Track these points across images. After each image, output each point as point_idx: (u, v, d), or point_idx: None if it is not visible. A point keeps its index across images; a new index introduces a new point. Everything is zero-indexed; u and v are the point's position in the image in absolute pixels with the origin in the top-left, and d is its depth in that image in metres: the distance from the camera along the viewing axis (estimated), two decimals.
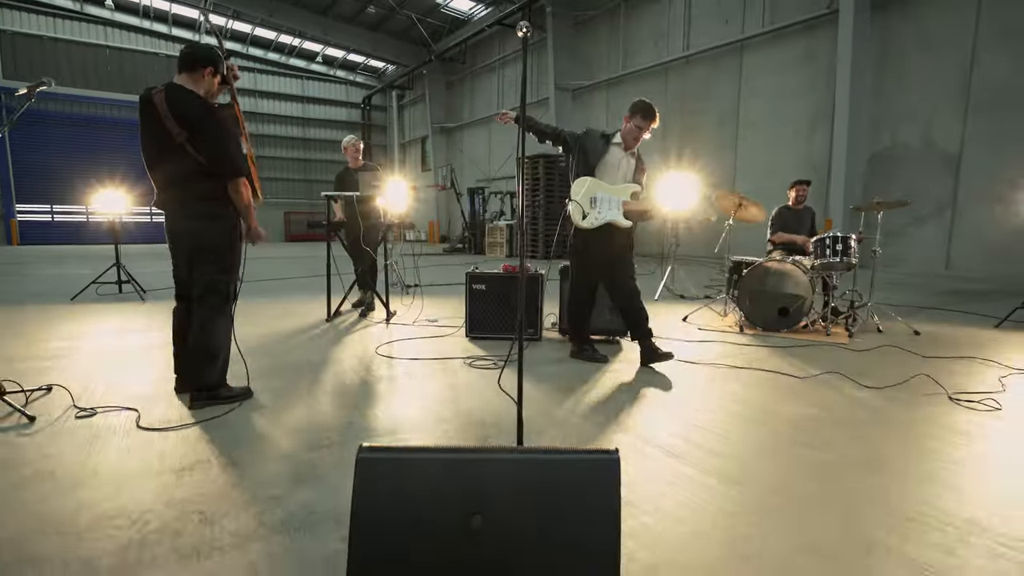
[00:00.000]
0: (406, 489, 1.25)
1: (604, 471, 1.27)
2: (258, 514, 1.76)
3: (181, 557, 1.52)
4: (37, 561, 1.49)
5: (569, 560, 1.22)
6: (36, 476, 2.00)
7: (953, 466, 2.18)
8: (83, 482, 1.97)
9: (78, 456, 2.18)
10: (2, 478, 1.98)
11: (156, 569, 1.47)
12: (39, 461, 2.12)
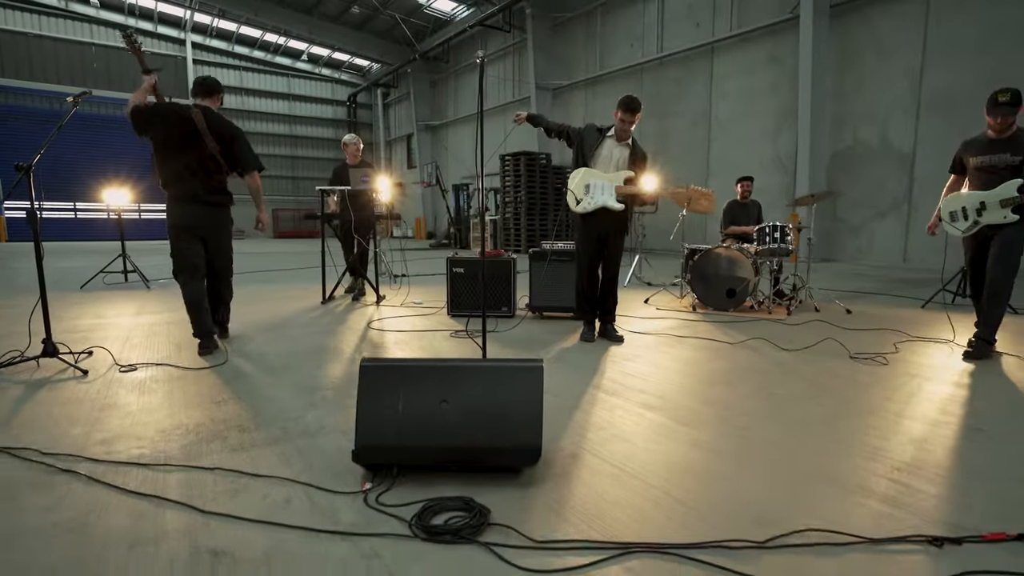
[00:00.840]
0: (396, 384, 1.83)
1: (533, 372, 1.86)
2: (282, 426, 2.33)
3: (231, 451, 2.09)
4: (130, 454, 2.04)
5: (508, 428, 1.81)
6: (106, 407, 2.56)
7: (833, 397, 2.79)
8: (144, 410, 2.52)
9: (133, 396, 2.73)
10: (82, 408, 2.52)
11: (214, 456, 2.03)
12: (104, 399, 2.67)
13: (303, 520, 1.59)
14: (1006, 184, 3.51)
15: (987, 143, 3.65)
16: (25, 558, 1.40)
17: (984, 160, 3.65)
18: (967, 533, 1.54)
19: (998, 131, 3.56)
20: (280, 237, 29.50)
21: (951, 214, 3.82)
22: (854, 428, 2.38)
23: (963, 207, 3.73)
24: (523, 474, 1.87)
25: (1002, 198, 3.51)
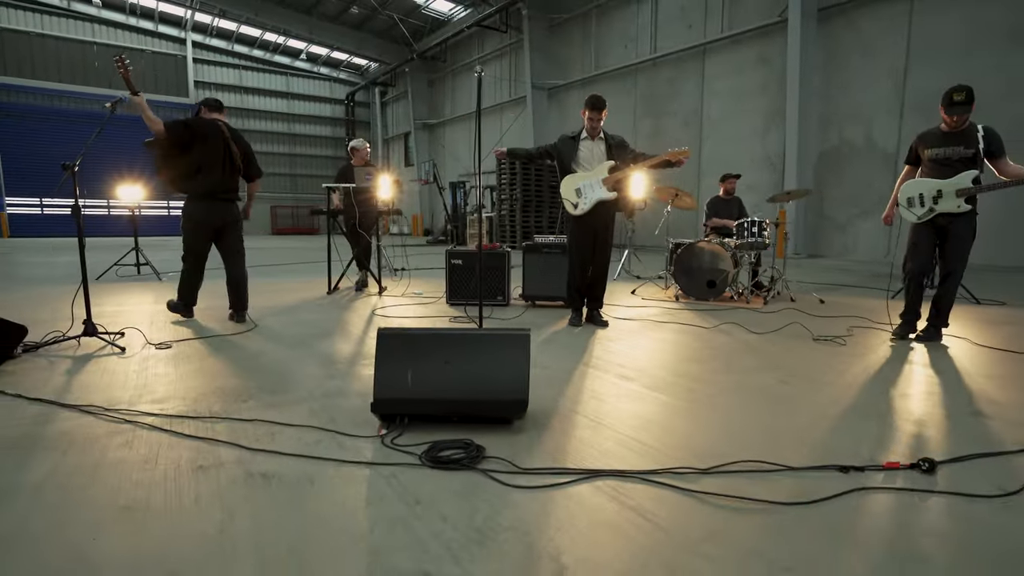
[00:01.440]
0: (408, 348, 2.19)
1: (521, 339, 2.23)
2: (307, 391, 2.70)
3: (264, 407, 2.45)
4: (179, 410, 2.40)
5: (500, 384, 2.17)
6: (150, 376, 2.92)
7: (788, 370, 3.16)
8: (183, 377, 2.88)
9: (171, 367, 3.09)
10: (129, 378, 2.88)
11: (251, 412, 2.39)
12: (146, 370, 3.03)
13: (333, 455, 1.96)
14: (961, 175, 3.75)
15: (941, 136, 3.88)
16: (118, 480, 1.76)
17: (939, 152, 3.88)
18: (870, 463, 1.92)
19: (952, 126, 3.79)
20: (278, 234, 29.82)
21: (908, 199, 4.01)
22: (800, 393, 2.75)
23: (920, 194, 3.94)
24: (513, 424, 2.23)
25: (958, 188, 3.75)
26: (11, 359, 3.12)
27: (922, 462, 1.88)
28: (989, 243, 10.38)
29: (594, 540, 1.45)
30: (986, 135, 3.76)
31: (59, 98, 25.12)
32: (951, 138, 3.83)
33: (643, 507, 1.62)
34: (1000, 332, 4.33)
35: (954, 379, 3.03)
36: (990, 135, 3.76)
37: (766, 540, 1.45)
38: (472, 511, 1.59)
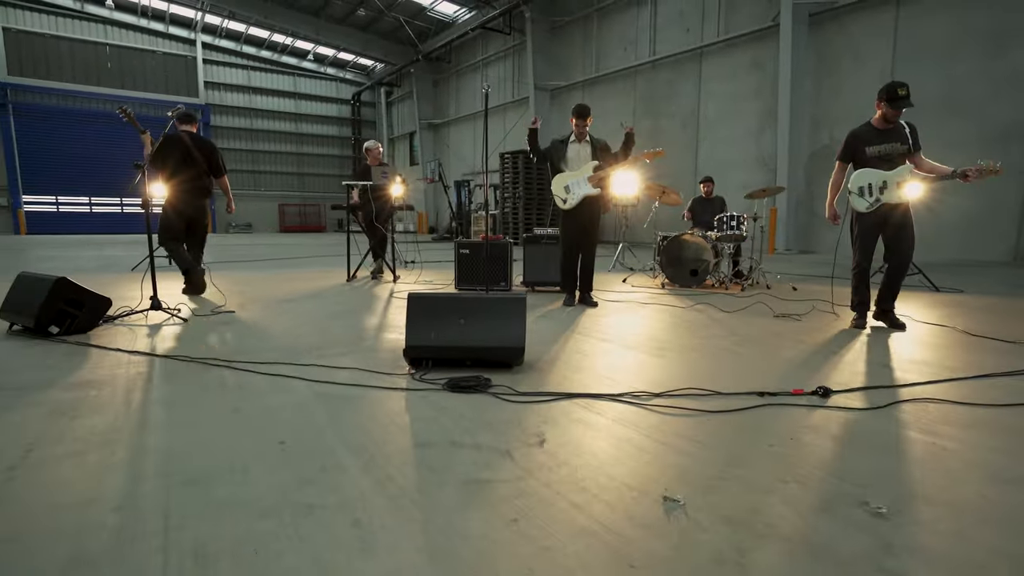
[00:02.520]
0: (432, 308, 2.82)
1: (519, 301, 2.85)
2: (347, 347, 3.33)
3: (317, 357, 3.07)
4: (251, 359, 3.02)
5: (503, 336, 2.79)
6: (216, 336, 3.54)
7: (742, 336, 3.77)
8: (243, 337, 3.51)
9: (229, 332, 3.71)
10: (200, 337, 3.50)
11: (309, 359, 3.00)
12: (210, 333, 3.66)
13: (377, 384, 2.58)
14: (901, 168, 4.01)
15: (878, 133, 4.11)
16: (222, 396, 2.39)
17: (880, 149, 4.08)
18: (782, 391, 2.53)
19: (889, 121, 4.04)
20: (285, 231, 30.50)
21: (860, 188, 4.18)
22: (748, 352, 3.37)
23: (869, 184, 4.11)
24: (513, 367, 2.86)
25: (899, 179, 4.00)
26: (98, 326, 3.75)
27: (819, 389, 2.50)
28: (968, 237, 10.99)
29: (568, 429, 2.07)
30: (912, 131, 4.04)
31: (73, 98, 25.83)
32: (887, 135, 4.08)
33: (606, 413, 2.25)
34: (947, 313, 4.93)
35: (882, 344, 3.64)
36: (914, 131, 4.05)
37: (692, 429, 2.07)
38: (482, 413, 2.21)
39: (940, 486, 1.65)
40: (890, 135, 4.08)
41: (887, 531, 1.39)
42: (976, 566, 1.26)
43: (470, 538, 1.34)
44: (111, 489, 1.57)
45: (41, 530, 1.36)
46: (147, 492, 1.56)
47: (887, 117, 4.05)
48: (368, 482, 1.63)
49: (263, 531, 1.36)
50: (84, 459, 1.76)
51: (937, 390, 2.59)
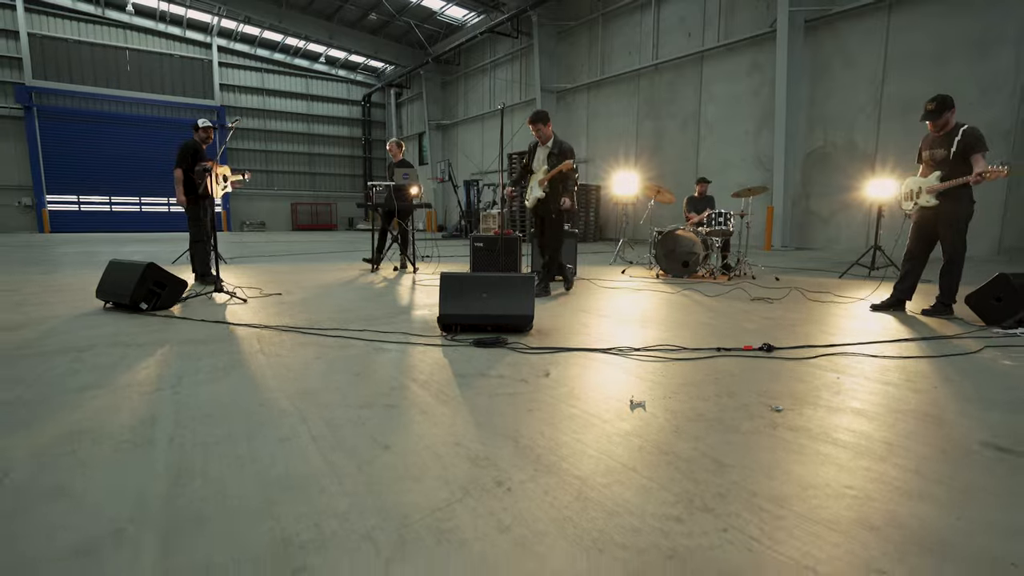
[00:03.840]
0: (460, 285, 3.52)
1: (529, 279, 3.55)
2: (386, 319, 4.04)
3: (364, 326, 3.78)
4: (314, 327, 3.73)
5: (516, 307, 3.49)
6: (275, 313, 4.26)
7: (717, 313, 4.45)
8: (296, 312, 4.22)
9: (284, 309, 4.42)
10: (263, 312, 4.21)
11: (359, 327, 3.71)
12: (269, 310, 4.37)
13: (419, 342, 3.29)
14: (931, 175, 4.36)
15: (931, 139, 4.41)
16: (302, 353, 3.10)
17: (929, 153, 4.43)
18: (736, 347, 3.22)
19: (933, 131, 4.37)
20: (298, 229, 31.31)
21: (905, 194, 4.59)
22: (719, 322, 4.05)
23: (911, 190, 4.51)
24: (524, 332, 3.56)
25: (928, 186, 4.37)
26: (177, 304, 4.48)
27: (764, 345, 3.18)
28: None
29: (567, 368, 2.77)
30: (962, 137, 4.21)
31: (94, 100, 26.70)
32: (936, 141, 4.37)
33: (597, 359, 2.95)
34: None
35: (841, 320, 4.32)
36: (965, 136, 4.21)
37: (662, 369, 2.77)
38: (502, 359, 2.92)
39: (827, 397, 2.34)
40: (938, 142, 4.36)
41: (778, 419, 2.08)
42: (813, 436, 1.95)
43: (501, 416, 2.05)
44: (249, 399, 2.28)
45: (209, 415, 2.07)
46: (275, 398, 2.27)
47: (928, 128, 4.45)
48: (425, 393, 2.33)
49: (365, 415, 2.07)
50: (221, 383, 2.48)
51: (855, 349, 3.27)
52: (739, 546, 1.27)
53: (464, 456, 1.73)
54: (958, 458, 1.76)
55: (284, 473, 1.61)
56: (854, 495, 1.51)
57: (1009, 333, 3.68)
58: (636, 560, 1.21)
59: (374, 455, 1.73)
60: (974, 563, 1.20)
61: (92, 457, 1.70)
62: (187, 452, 1.74)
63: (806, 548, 1.26)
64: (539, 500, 1.46)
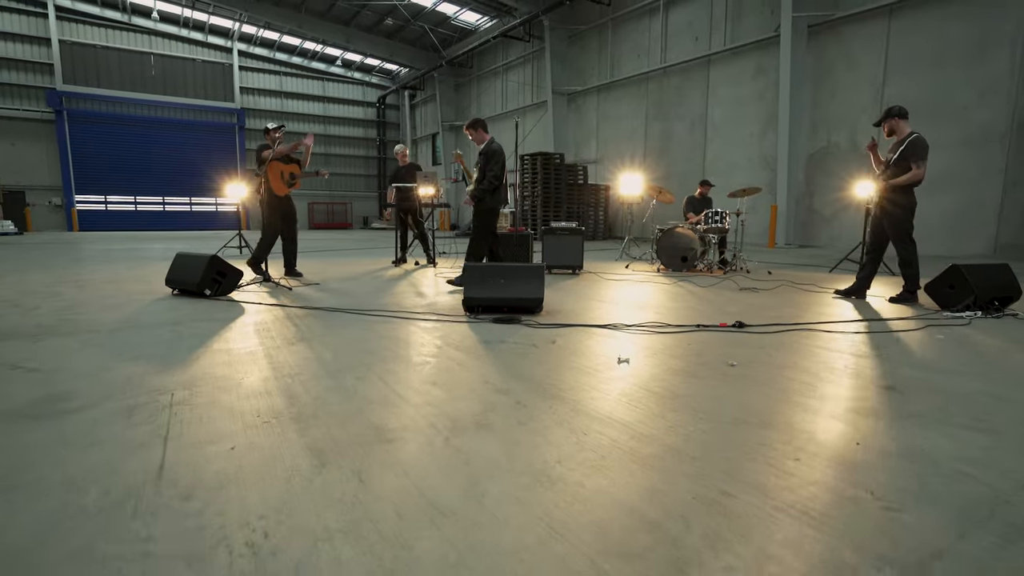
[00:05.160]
0: (481, 274, 4.17)
1: (539, 268, 4.19)
2: (418, 305, 4.68)
3: (398, 310, 4.43)
4: (359, 308, 4.38)
5: (528, 291, 4.13)
6: (318, 298, 4.92)
7: (704, 299, 5.05)
8: (341, 298, 4.88)
9: (326, 294, 5.09)
10: (308, 295, 4.87)
11: (395, 309, 4.36)
12: (316, 294, 5.04)
13: (447, 320, 3.93)
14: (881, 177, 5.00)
15: (890, 145, 5.02)
16: (358, 328, 3.75)
17: (885, 157, 5.08)
18: (712, 323, 3.83)
19: (887, 136, 4.98)
20: (315, 228, 32.16)
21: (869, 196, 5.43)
22: (706, 307, 4.66)
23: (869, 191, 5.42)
24: (535, 313, 4.19)
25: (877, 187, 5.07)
26: (235, 290, 5.17)
27: (737, 323, 3.79)
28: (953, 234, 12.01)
29: (570, 338, 3.40)
30: (906, 145, 4.79)
31: (120, 104, 27.69)
32: (891, 147, 4.99)
33: (595, 332, 3.58)
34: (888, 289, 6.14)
35: (813, 306, 4.91)
36: (909, 143, 4.78)
37: (649, 339, 3.40)
38: (518, 331, 3.56)
39: (776, 357, 2.95)
40: (893, 147, 4.97)
41: (730, 371, 2.70)
42: (757, 381, 2.57)
43: (518, 367, 2.69)
44: (323, 356, 2.94)
45: (297, 367, 2.72)
46: (343, 355, 2.92)
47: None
48: (458, 353, 2.98)
49: (416, 365, 2.72)
50: (296, 347, 3.14)
51: (812, 327, 3.88)
52: (680, 434, 1.89)
53: (492, 388, 2.37)
54: (861, 390, 2.37)
55: (365, 396, 2.26)
56: (770, 407, 2.13)
57: (956, 316, 4.26)
58: (607, 436, 1.84)
59: (427, 388, 2.38)
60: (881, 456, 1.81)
61: (224, 389, 2.37)
62: (291, 387, 2.40)
63: (722, 440, 1.88)
64: (545, 411, 2.10)
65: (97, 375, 2.55)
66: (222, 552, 1.20)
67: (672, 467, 1.65)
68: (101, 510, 1.37)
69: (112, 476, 1.56)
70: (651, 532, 1.29)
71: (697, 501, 1.45)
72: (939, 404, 2.24)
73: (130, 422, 1.97)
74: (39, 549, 1.21)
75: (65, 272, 7.10)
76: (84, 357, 2.87)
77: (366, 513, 1.36)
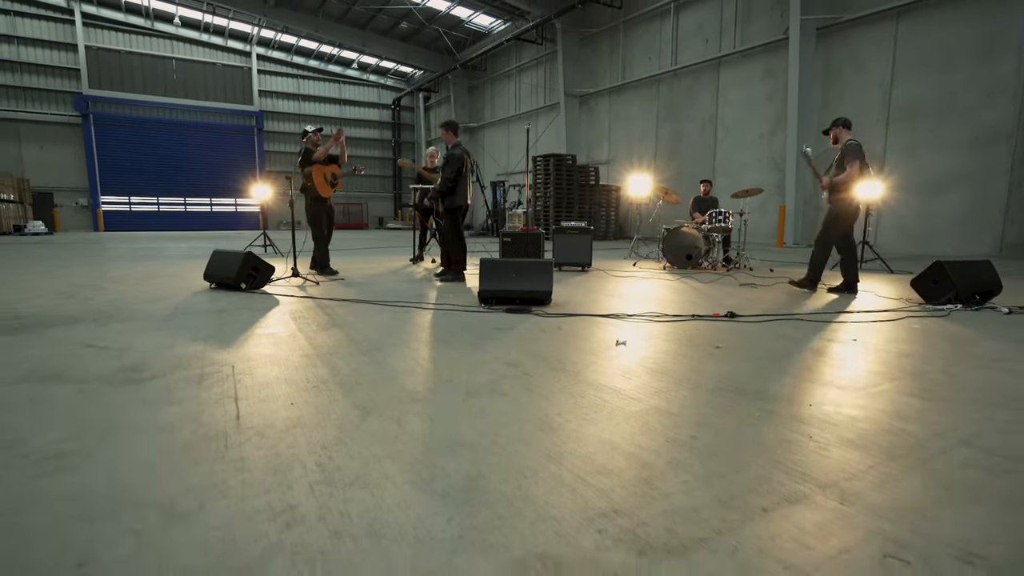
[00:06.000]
0: (495, 269, 4.54)
1: (548, 263, 4.56)
2: (438, 298, 5.06)
3: (420, 301, 4.81)
4: (386, 298, 4.78)
5: (538, 284, 4.49)
6: (347, 289, 5.32)
7: (705, 294, 5.38)
8: (368, 288, 5.27)
9: (350, 288, 5.48)
10: (336, 287, 5.27)
11: (418, 300, 4.74)
12: (345, 287, 5.44)
13: (464, 309, 4.31)
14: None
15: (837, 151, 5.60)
16: (379, 314, 4.14)
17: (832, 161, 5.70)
18: (707, 314, 4.17)
19: (832, 144, 5.62)
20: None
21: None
22: (704, 300, 5.00)
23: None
24: (544, 304, 4.56)
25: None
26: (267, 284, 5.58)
27: (729, 313, 4.13)
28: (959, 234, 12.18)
29: (575, 325, 3.76)
30: (842, 149, 5.42)
31: (143, 108, 28.46)
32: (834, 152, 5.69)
33: (598, 321, 3.94)
34: (880, 285, 6.44)
35: (806, 300, 5.22)
36: (844, 148, 5.39)
37: (647, 326, 3.75)
38: (528, 320, 3.93)
39: (759, 343, 3.29)
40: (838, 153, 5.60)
41: (715, 352, 3.05)
42: (734, 356, 2.91)
43: (527, 347, 3.06)
44: (357, 338, 3.32)
45: (334, 346, 3.11)
46: (375, 337, 3.30)
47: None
48: (474, 336, 3.36)
49: (440, 345, 3.10)
50: (331, 331, 3.53)
51: (800, 317, 4.21)
52: (664, 398, 2.25)
53: (503, 363, 2.75)
54: (828, 368, 2.71)
55: (395, 368, 2.65)
56: (745, 379, 2.48)
57: (937, 309, 4.56)
58: (600, 398, 2.20)
59: (447, 363, 2.76)
60: (829, 414, 2.16)
61: (275, 363, 2.76)
62: (332, 361, 2.79)
63: (699, 402, 2.24)
64: (549, 381, 2.47)
65: (162, 352, 2.95)
66: (298, 467, 1.58)
67: (652, 420, 2.01)
68: (197, 444, 1.76)
69: (198, 423, 1.95)
70: (627, 459, 1.66)
71: (669, 442, 1.81)
72: (895, 378, 2.58)
73: (201, 387, 2.36)
74: (158, 469, 1.60)
75: (105, 269, 7.58)
76: (146, 338, 3.28)
77: (405, 445, 1.74)
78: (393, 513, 1.35)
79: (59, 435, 1.82)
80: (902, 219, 13.09)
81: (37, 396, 2.22)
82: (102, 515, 1.33)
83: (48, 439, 1.79)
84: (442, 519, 1.32)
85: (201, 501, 1.40)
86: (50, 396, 2.23)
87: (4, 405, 2.11)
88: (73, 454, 1.68)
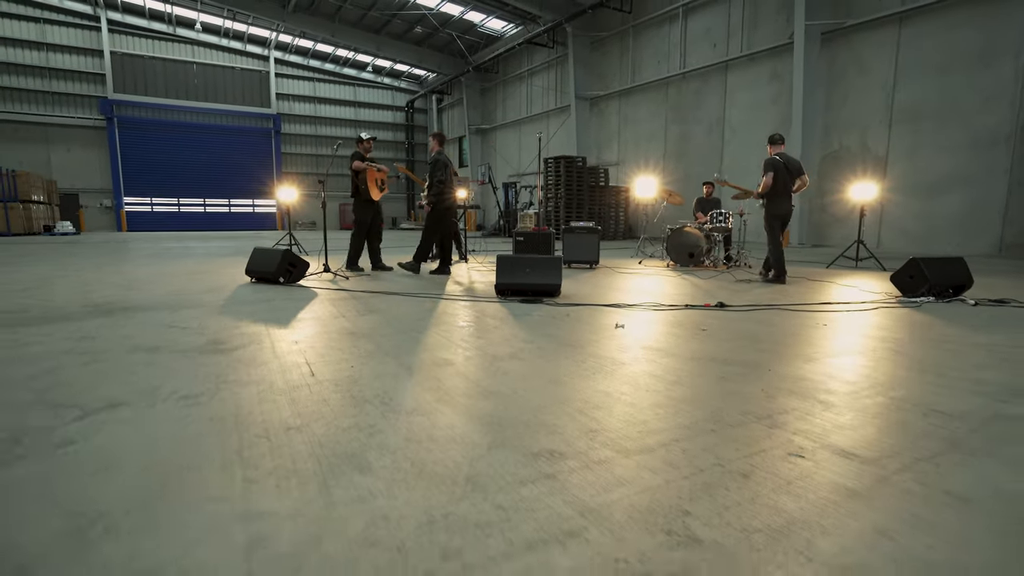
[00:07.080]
0: (511, 264, 5.07)
1: (558, 259, 5.09)
2: (456, 290, 5.60)
3: (440, 292, 5.35)
4: (406, 292, 5.32)
5: (549, 278, 5.02)
6: (376, 283, 5.87)
7: (701, 288, 5.86)
8: (393, 283, 5.82)
9: (376, 283, 6.03)
10: (365, 281, 5.82)
11: (438, 293, 5.28)
12: (373, 281, 5.99)
13: (483, 300, 4.85)
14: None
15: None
16: (408, 306, 4.69)
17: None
18: (699, 303, 4.67)
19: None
20: (345, 229, 33.47)
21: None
22: (701, 292, 5.49)
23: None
24: (555, 296, 5.08)
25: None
26: (303, 279, 6.15)
27: (719, 304, 4.63)
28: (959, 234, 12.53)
29: (581, 313, 4.28)
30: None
31: (165, 111, 29.33)
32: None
33: (602, 310, 4.45)
34: (870, 281, 6.89)
35: (795, 292, 5.70)
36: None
37: (645, 314, 4.26)
38: (540, 308, 4.46)
39: (744, 328, 3.79)
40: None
41: (701, 334, 3.56)
42: (715, 337, 3.42)
43: (539, 329, 3.58)
44: (390, 322, 3.87)
45: (372, 327, 3.65)
46: (406, 323, 3.84)
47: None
48: (493, 321, 3.89)
49: (463, 327, 3.63)
50: (367, 317, 4.08)
51: (784, 307, 4.70)
52: (651, 363, 2.77)
53: (520, 340, 3.28)
54: (797, 346, 3.21)
55: (430, 343, 3.19)
56: (721, 352, 2.99)
57: (911, 301, 5.03)
58: (598, 364, 2.72)
59: (473, 340, 3.30)
60: (785, 380, 2.67)
61: (328, 339, 3.31)
62: (375, 337, 3.34)
63: (679, 367, 2.76)
64: (558, 352, 3.00)
65: (233, 331, 3.52)
66: (366, 405, 2.12)
67: (639, 378, 2.54)
68: (289, 390, 2.31)
69: (281, 378, 2.50)
70: (616, 401, 2.18)
71: (650, 392, 2.33)
72: (850, 353, 3.08)
73: (275, 355, 2.92)
74: (265, 405, 2.15)
75: (148, 267, 8.21)
76: (216, 321, 3.85)
77: (446, 392, 2.28)
78: (444, 430, 1.88)
79: (183, 385, 2.37)
80: (904, 220, 13.47)
81: (152, 361, 2.78)
82: (237, 430, 1.88)
83: (176, 387, 2.34)
84: (480, 433, 1.85)
85: (306, 421, 1.94)
86: (162, 361, 2.79)
87: (129, 366, 2.67)
88: (200, 395, 2.23)
